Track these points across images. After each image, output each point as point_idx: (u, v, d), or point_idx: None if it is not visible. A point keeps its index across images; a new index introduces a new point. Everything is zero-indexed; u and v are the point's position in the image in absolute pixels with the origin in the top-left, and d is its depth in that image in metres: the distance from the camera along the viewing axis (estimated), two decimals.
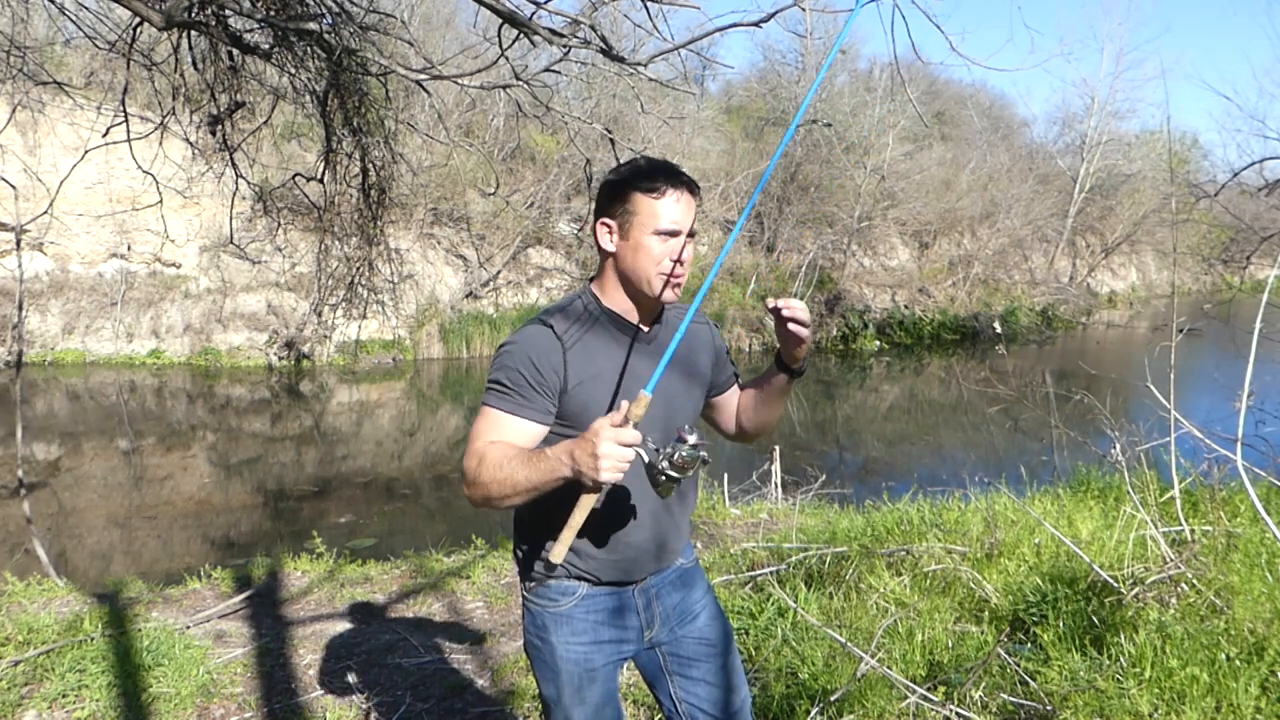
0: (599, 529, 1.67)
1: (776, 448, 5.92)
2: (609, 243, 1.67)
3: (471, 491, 1.56)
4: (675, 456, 1.47)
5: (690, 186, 1.64)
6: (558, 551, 1.53)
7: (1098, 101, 27.02)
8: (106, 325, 15.27)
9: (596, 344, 1.66)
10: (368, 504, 8.37)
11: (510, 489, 1.50)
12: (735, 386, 1.93)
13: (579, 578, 1.73)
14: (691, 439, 1.47)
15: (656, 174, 1.62)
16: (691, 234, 1.64)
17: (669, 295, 1.66)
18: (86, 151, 4.05)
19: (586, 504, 1.53)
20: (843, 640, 2.91)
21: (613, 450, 1.39)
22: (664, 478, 1.49)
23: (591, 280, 1.75)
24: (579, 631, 1.72)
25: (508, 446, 1.55)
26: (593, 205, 1.74)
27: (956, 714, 2.40)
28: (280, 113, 4.88)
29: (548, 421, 1.63)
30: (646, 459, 1.49)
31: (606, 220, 1.66)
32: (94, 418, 12.16)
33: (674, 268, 1.63)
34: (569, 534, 1.53)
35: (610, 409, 1.64)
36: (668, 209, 1.61)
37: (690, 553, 1.90)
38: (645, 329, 1.73)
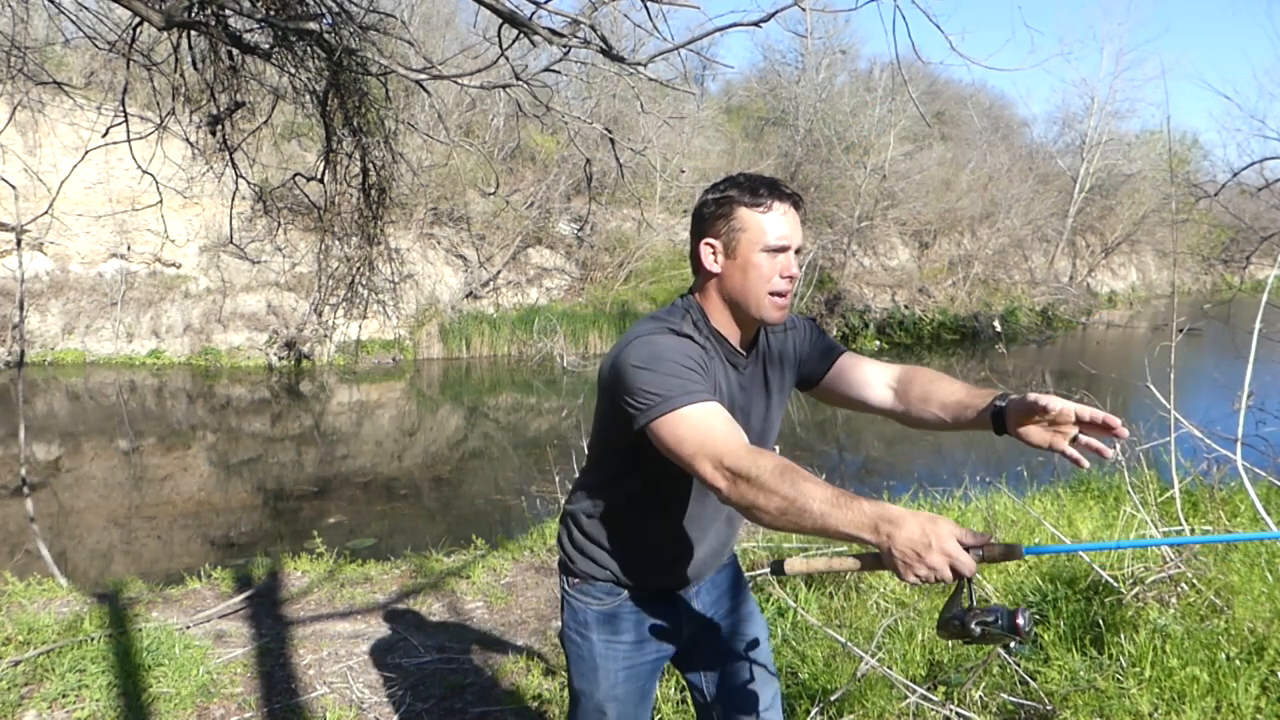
0: (663, 550, 1.66)
1: (776, 447, 5.91)
2: (714, 263, 1.59)
3: (742, 491, 1.30)
4: (989, 622, 1.23)
5: (794, 200, 1.58)
6: (794, 565, 1.40)
7: (1098, 101, 27.03)
8: (106, 325, 15.27)
9: (712, 365, 1.60)
10: (368, 504, 8.37)
11: (793, 512, 1.26)
12: (845, 357, 1.77)
13: (626, 584, 1.72)
14: (1021, 620, 1.21)
15: (760, 187, 1.56)
16: (799, 249, 1.58)
17: (777, 317, 1.58)
18: (87, 151, 4.05)
19: (847, 566, 1.37)
20: (843, 640, 2.91)
21: (940, 566, 1.18)
22: (957, 625, 1.26)
23: (692, 292, 1.66)
24: (621, 630, 1.72)
25: (781, 459, 1.33)
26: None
27: (956, 714, 2.40)
28: (280, 113, 4.87)
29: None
30: (964, 602, 1.27)
31: (710, 240, 1.59)
32: (94, 418, 12.16)
33: (783, 285, 1.56)
34: (822, 565, 1.38)
35: None
36: (775, 223, 1.54)
37: (734, 553, 1.92)
38: (745, 354, 1.66)
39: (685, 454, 1.38)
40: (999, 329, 19.01)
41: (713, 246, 1.59)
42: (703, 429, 1.38)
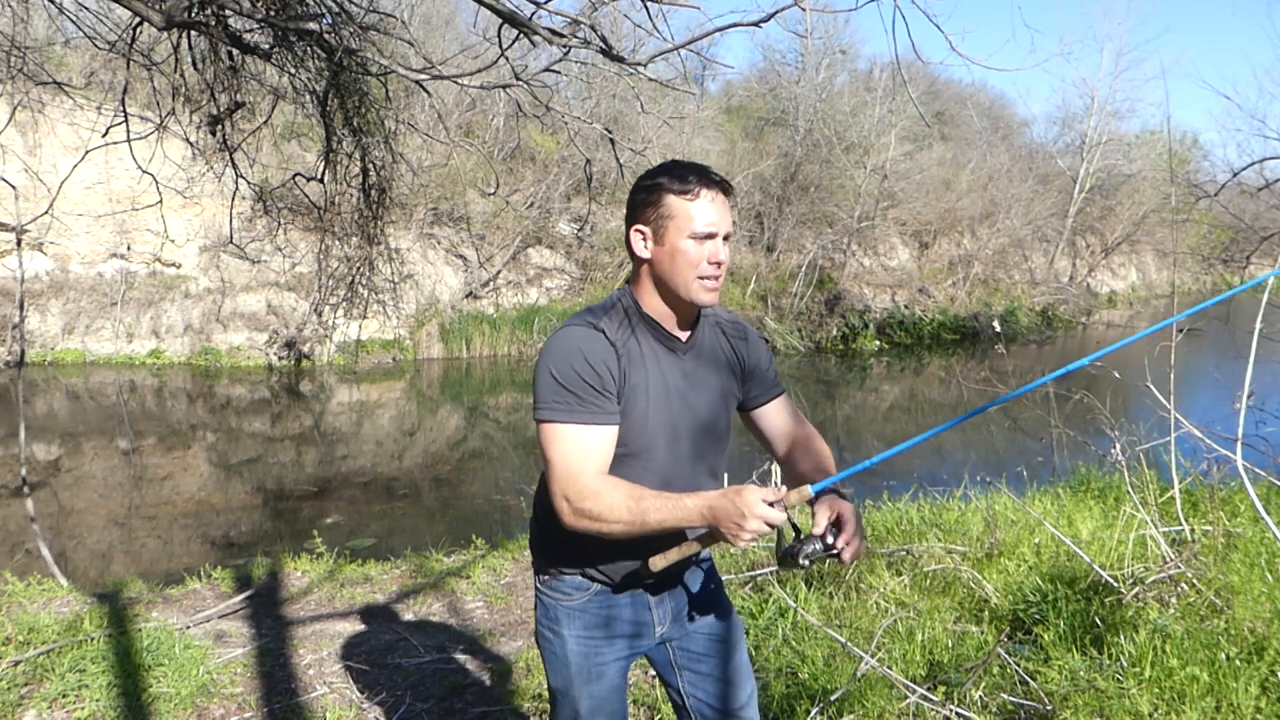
0: (622, 540, 1.66)
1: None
2: (644, 249, 1.63)
3: (582, 523, 1.52)
4: (811, 550, 1.50)
5: (723, 186, 1.62)
6: (657, 563, 1.60)
7: (1098, 101, 27.01)
8: (106, 325, 15.26)
9: (641, 354, 1.64)
10: (368, 504, 8.37)
11: (635, 527, 1.50)
12: (778, 401, 1.85)
13: (593, 578, 1.73)
14: (832, 539, 1.50)
15: (689, 175, 1.59)
16: (727, 236, 1.62)
17: (708, 299, 1.63)
18: (87, 152, 4.05)
19: (698, 546, 1.59)
20: (843, 640, 2.91)
21: (759, 528, 1.43)
22: (790, 561, 1.52)
23: (629, 283, 1.71)
24: (591, 626, 1.73)
25: (618, 482, 1.54)
26: (624, 211, 1.70)
27: (956, 714, 2.40)
28: (280, 113, 4.88)
29: (618, 422, 1.60)
30: (786, 543, 1.52)
31: (640, 227, 1.63)
32: (94, 418, 12.16)
33: (711, 271, 1.60)
34: (676, 555, 1.60)
35: (647, 422, 1.64)
36: (702, 210, 1.58)
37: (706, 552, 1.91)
38: (683, 338, 1.70)
39: (549, 472, 1.56)
40: (999, 329, 18.99)
41: (642, 233, 1.63)
42: (570, 457, 1.54)
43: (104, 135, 3.62)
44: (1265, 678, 2.28)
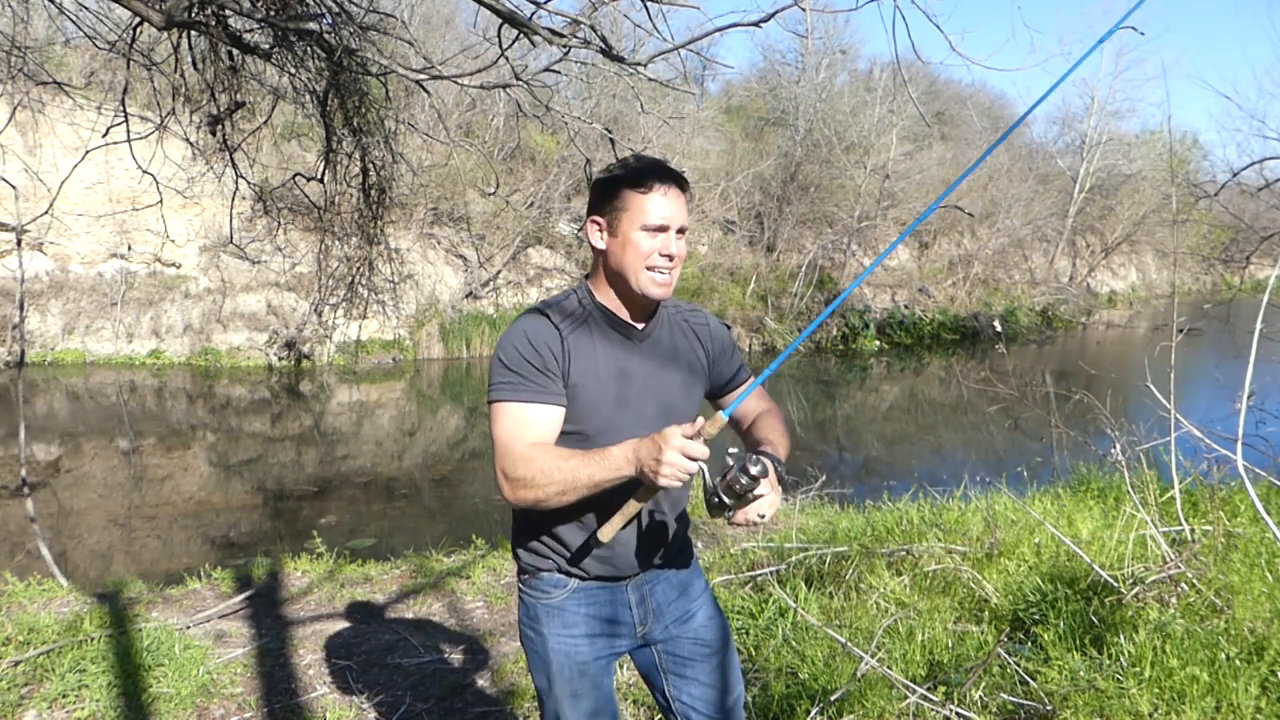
0: (587, 526, 1.68)
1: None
2: (599, 240, 1.67)
3: (520, 494, 1.54)
4: (736, 485, 1.46)
5: (679, 182, 1.64)
6: (605, 533, 1.58)
7: (1098, 101, 27.01)
8: (106, 325, 15.26)
9: (591, 339, 1.67)
10: (368, 504, 8.37)
11: (569, 488, 1.50)
12: (747, 386, 1.88)
13: (569, 573, 1.74)
14: (754, 470, 1.46)
15: (644, 170, 1.62)
16: (681, 230, 1.64)
17: (657, 292, 1.65)
18: (87, 152, 4.05)
19: (636, 505, 1.56)
20: (843, 640, 2.91)
21: (677, 460, 1.41)
22: (717, 499, 1.49)
23: (587, 277, 1.75)
24: (570, 624, 1.74)
25: (551, 447, 1.56)
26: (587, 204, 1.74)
27: (956, 714, 2.40)
28: (280, 113, 4.88)
29: (564, 404, 1.62)
30: (708, 479, 1.49)
31: (597, 218, 1.67)
32: (94, 418, 12.15)
33: (662, 263, 1.63)
34: (620, 520, 1.57)
35: (600, 408, 1.65)
36: (655, 204, 1.61)
37: (687, 552, 1.90)
38: (639, 327, 1.72)
39: (494, 449, 1.60)
40: (999, 329, 19.01)
41: (598, 224, 1.67)
42: (509, 431, 1.58)
43: (104, 135, 3.62)
44: (1265, 678, 2.28)
